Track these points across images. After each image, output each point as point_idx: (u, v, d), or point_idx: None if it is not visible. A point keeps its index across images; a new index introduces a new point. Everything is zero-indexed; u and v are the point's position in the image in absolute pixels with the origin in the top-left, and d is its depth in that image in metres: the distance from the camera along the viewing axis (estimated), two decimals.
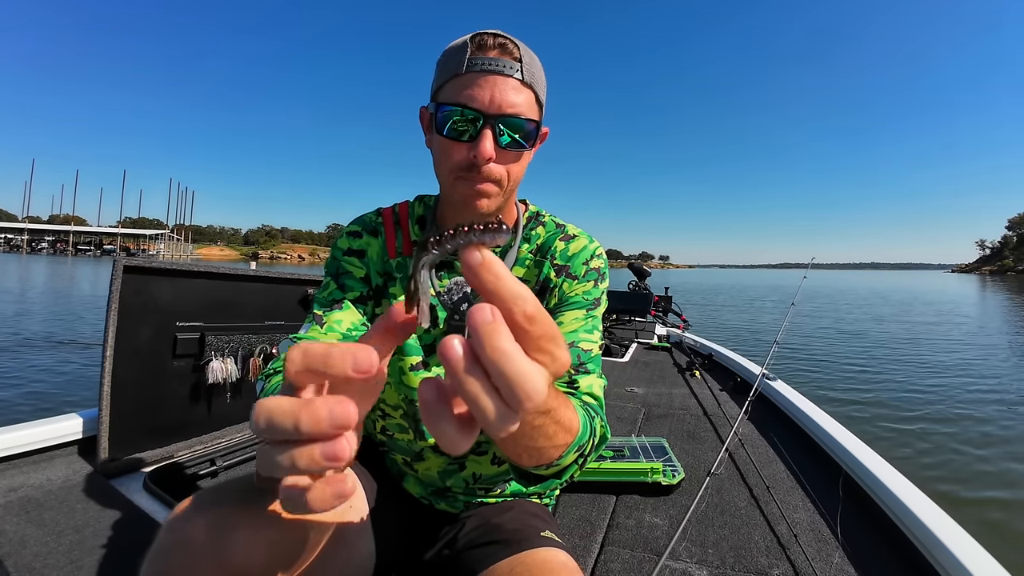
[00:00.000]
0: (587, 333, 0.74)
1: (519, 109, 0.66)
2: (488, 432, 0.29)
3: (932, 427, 4.23)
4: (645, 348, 4.11)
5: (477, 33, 0.67)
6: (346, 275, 0.80)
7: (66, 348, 6.46)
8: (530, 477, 0.58)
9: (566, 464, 0.55)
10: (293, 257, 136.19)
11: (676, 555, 1.19)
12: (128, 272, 1.45)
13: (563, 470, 0.56)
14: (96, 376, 1.40)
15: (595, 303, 0.78)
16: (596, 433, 0.61)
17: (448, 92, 0.66)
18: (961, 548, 1.05)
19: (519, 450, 0.49)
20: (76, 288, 16.46)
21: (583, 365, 0.72)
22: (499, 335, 0.27)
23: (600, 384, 0.71)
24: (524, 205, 0.86)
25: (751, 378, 2.60)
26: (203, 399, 1.70)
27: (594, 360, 0.73)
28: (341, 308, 0.77)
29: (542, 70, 0.71)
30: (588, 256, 0.80)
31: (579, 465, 0.58)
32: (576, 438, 0.52)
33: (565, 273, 0.79)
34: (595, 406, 0.68)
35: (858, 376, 6.22)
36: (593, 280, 0.79)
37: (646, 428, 2.15)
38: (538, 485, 0.59)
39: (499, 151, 0.66)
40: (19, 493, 1.28)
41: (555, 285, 0.79)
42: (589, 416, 0.60)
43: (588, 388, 0.69)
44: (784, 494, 1.50)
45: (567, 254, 0.80)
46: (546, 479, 0.58)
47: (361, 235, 0.83)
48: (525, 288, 0.29)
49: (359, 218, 0.86)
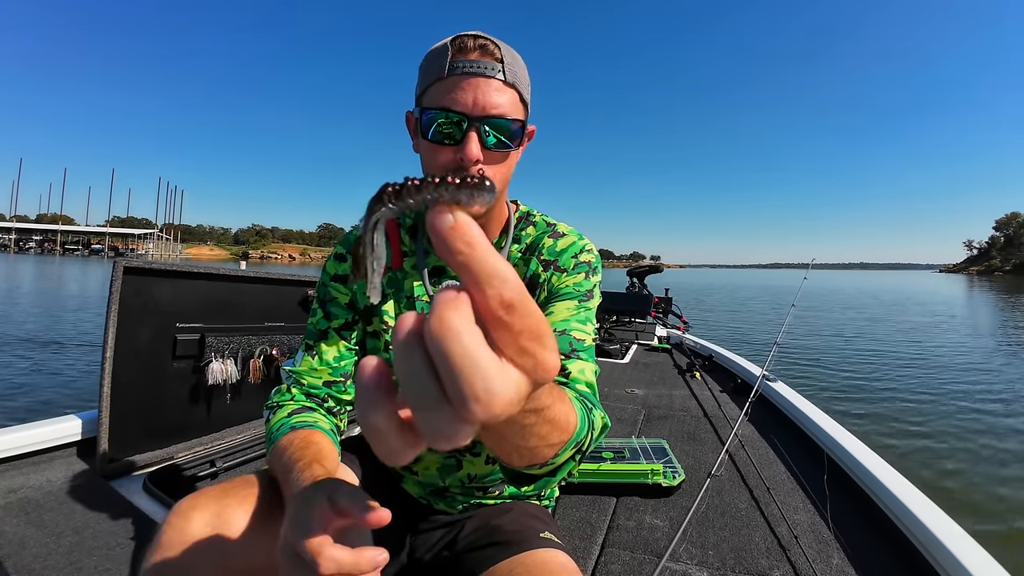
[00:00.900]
0: (580, 323, 0.71)
1: (503, 110, 0.66)
2: (428, 441, 0.23)
3: (928, 426, 4.23)
4: (645, 349, 4.11)
5: (457, 36, 0.67)
6: (332, 302, 0.81)
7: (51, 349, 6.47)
8: (521, 478, 0.52)
9: (561, 462, 0.49)
10: (284, 257, 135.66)
11: (676, 557, 1.19)
12: (128, 273, 1.45)
13: (558, 468, 0.50)
14: (85, 376, 1.40)
15: (588, 295, 0.75)
16: (595, 426, 0.56)
17: (431, 96, 0.66)
18: (961, 549, 1.05)
19: (508, 449, 0.42)
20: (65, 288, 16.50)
21: (575, 352, 0.68)
22: (453, 310, 0.21)
23: (592, 369, 0.68)
24: (515, 205, 0.86)
25: (751, 379, 2.60)
26: (203, 400, 1.70)
27: (587, 350, 0.70)
28: (327, 340, 0.79)
29: (525, 69, 0.71)
30: (577, 251, 0.79)
31: (576, 461, 0.53)
32: (573, 435, 0.47)
33: (553, 267, 0.77)
34: (590, 395, 0.64)
35: (851, 375, 6.23)
36: (584, 272, 0.77)
37: (646, 429, 2.14)
38: (531, 485, 0.53)
39: (486, 152, 0.66)
40: (19, 494, 1.28)
41: (543, 280, 0.77)
42: (587, 408, 0.56)
43: (580, 373, 0.66)
44: (784, 495, 1.50)
45: (555, 250, 0.79)
46: (539, 479, 0.52)
47: (346, 258, 0.83)
48: (508, 268, 0.23)
49: (345, 237, 0.85)
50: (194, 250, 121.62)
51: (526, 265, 0.79)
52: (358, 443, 0.91)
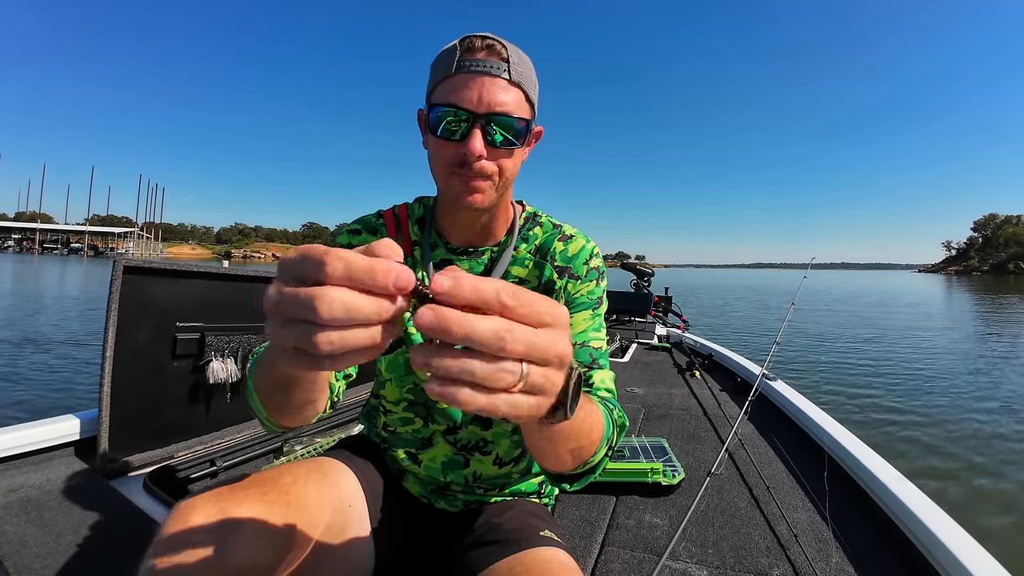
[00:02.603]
0: (595, 332, 0.78)
1: (508, 108, 0.67)
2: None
3: (924, 424, 4.23)
4: (645, 348, 4.11)
5: (466, 36, 0.69)
6: None
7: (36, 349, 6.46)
8: (569, 480, 0.63)
9: (597, 460, 0.61)
10: (267, 256, 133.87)
11: (676, 555, 1.19)
12: (128, 272, 1.45)
13: (595, 467, 0.62)
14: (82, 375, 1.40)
15: (599, 302, 0.81)
16: (616, 423, 0.66)
17: (440, 93, 0.68)
18: (961, 547, 1.05)
19: (563, 453, 0.53)
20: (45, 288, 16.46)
21: (595, 362, 0.76)
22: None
23: (611, 377, 0.77)
24: (521, 206, 0.87)
25: (751, 378, 2.60)
26: (203, 400, 1.70)
27: (604, 356, 0.77)
28: None
29: (532, 70, 0.73)
30: (587, 256, 0.82)
31: (609, 457, 0.64)
32: (604, 431, 0.58)
33: (568, 275, 0.81)
34: (610, 399, 0.72)
35: (844, 373, 6.23)
36: (595, 280, 0.82)
37: (646, 428, 2.15)
38: (575, 484, 0.63)
39: (491, 150, 0.68)
40: (19, 494, 1.28)
41: (559, 288, 0.80)
42: (608, 409, 0.65)
43: (602, 383, 0.74)
44: (784, 494, 1.50)
45: (567, 255, 0.82)
46: (581, 477, 0.63)
47: (361, 233, 0.85)
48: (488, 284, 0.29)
49: (360, 218, 0.88)
50: (175, 249, 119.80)
51: (539, 269, 0.82)
52: (358, 442, 0.92)
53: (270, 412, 0.63)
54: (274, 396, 0.59)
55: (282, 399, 0.59)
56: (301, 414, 0.63)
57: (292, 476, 0.67)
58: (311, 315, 0.28)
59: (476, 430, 0.83)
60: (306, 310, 0.28)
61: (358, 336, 0.29)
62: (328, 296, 0.28)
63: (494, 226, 0.81)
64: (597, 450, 0.58)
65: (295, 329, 0.29)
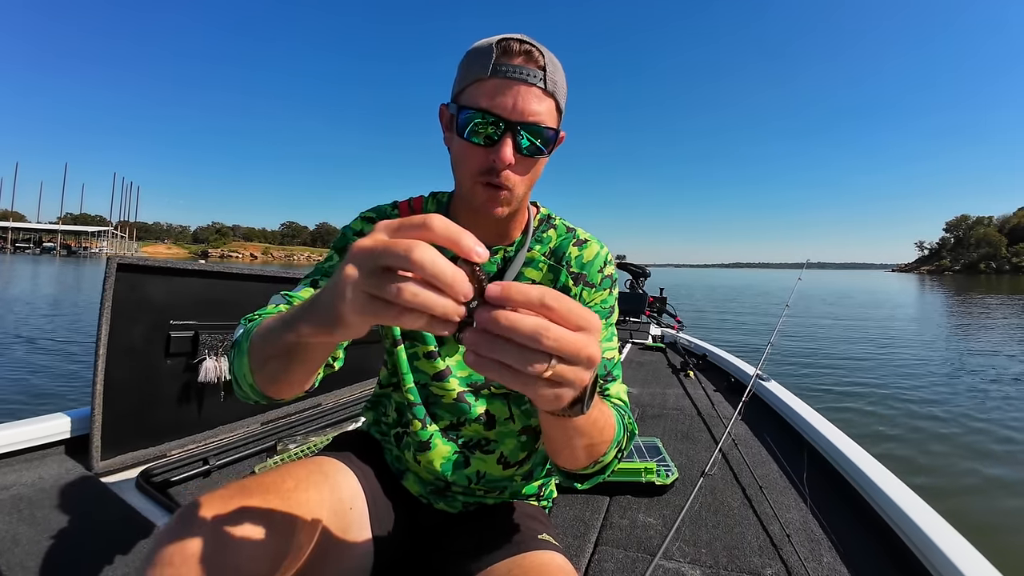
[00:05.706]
0: (608, 342, 0.79)
1: (540, 118, 0.66)
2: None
3: (916, 422, 4.27)
4: (639, 348, 4.12)
5: (504, 37, 0.67)
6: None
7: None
8: (581, 479, 0.66)
9: (608, 461, 0.64)
10: (245, 255, 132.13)
11: (669, 555, 1.20)
12: (122, 270, 1.44)
13: (606, 467, 0.65)
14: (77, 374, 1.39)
15: (611, 311, 0.83)
16: (627, 428, 0.68)
17: (471, 95, 0.67)
18: (952, 547, 1.06)
19: (577, 449, 0.57)
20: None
21: (609, 374, 0.77)
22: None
23: (624, 388, 0.79)
24: (535, 207, 0.87)
25: (745, 379, 2.62)
26: (196, 398, 1.70)
27: (617, 367, 0.79)
28: None
29: (564, 77, 0.72)
30: (602, 263, 0.83)
31: (618, 459, 0.66)
32: (615, 432, 0.62)
33: (583, 282, 0.81)
34: (623, 407, 0.74)
35: (836, 371, 6.27)
36: (608, 288, 0.83)
37: (640, 428, 2.15)
38: (586, 483, 0.67)
39: (518, 157, 0.67)
40: (11, 492, 1.27)
41: (574, 294, 0.80)
42: (620, 414, 0.67)
43: (617, 395, 0.76)
44: (777, 494, 1.51)
45: (582, 261, 0.82)
46: (591, 477, 0.66)
47: (375, 220, 0.84)
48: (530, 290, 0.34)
49: (376, 206, 0.87)
50: (150, 248, 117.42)
51: (553, 273, 0.82)
52: (358, 439, 0.91)
53: (257, 378, 0.59)
54: (270, 363, 0.56)
55: (278, 367, 0.56)
56: (292, 386, 0.60)
57: (294, 481, 0.66)
58: (404, 263, 0.33)
59: (479, 428, 0.82)
60: (400, 259, 0.33)
61: (435, 300, 0.33)
62: (422, 247, 0.33)
63: (510, 227, 0.81)
64: (608, 450, 0.61)
65: (384, 277, 0.33)
